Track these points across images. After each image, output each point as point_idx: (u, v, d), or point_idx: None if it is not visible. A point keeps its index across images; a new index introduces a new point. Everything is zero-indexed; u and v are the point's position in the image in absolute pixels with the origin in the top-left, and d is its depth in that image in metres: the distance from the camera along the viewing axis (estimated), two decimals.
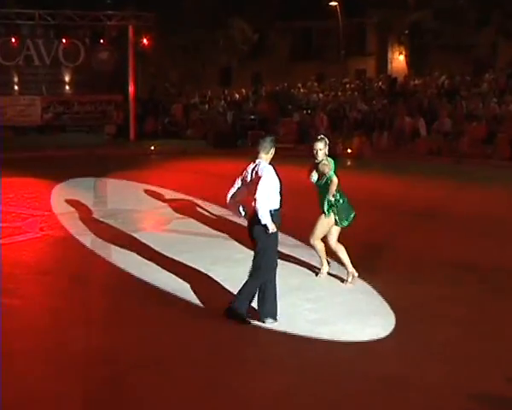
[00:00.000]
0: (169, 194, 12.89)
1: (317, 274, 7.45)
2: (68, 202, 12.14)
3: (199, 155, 20.41)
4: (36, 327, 5.90)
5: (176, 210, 11.26)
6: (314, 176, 7.11)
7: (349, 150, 20.62)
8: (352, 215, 7.17)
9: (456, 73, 25.03)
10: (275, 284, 5.94)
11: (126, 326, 6.02)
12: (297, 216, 8.75)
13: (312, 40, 44.92)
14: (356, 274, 7.15)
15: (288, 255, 7.96)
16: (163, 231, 9.87)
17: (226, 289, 6.78)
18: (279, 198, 5.95)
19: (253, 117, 25.14)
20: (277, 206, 5.92)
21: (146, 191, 13.15)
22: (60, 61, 24.06)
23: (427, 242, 9.15)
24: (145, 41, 25.13)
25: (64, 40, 23.70)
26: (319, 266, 7.47)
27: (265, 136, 6.42)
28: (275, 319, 5.90)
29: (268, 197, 5.77)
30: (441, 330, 5.83)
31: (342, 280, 7.22)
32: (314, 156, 7.11)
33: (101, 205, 11.92)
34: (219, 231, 9.60)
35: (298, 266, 7.77)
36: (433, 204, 11.94)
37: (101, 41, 24.21)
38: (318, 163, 7.08)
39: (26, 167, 15.42)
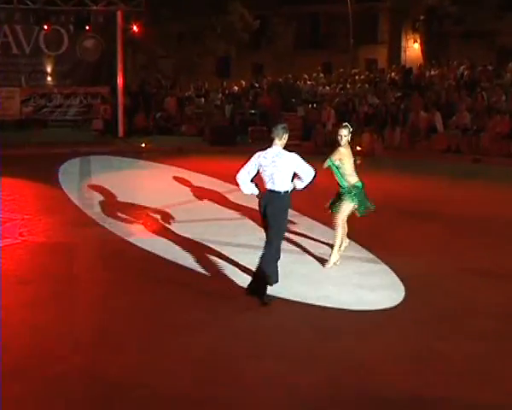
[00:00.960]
0: (162, 197, 12.90)
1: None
2: (50, 205, 12.16)
3: (194, 153, 20.42)
4: (14, 345, 5.88)
5: (166, 215, 11.28)
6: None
7: (358, 148, 20.49)
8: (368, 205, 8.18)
9: (477, 62, 25.04)
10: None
11: (115, 345, 6.02)
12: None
13: (319, 27, 44.99)
14: (337, 263, 8.12)
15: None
16: (152, 237, 9.89)
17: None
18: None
19: (253, 111, 25.17)
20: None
21: (134, 195, 13.16)
22: (41, 49, 24.04)
23: (444, 249, 9.15)
24: (135, 28, 25.15)
25: (45, 26, 23.66)
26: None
27: (278, 124, 7.45)
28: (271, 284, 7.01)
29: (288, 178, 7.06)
30: None
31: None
32: (338, 142, 8.20)
33: (87, 208, 11.93)
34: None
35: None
36: (450, 207, 11.96)
37: (87, 27, 24.17)
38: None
39: (3, 166, 15.44)
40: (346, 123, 8.40)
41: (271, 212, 7.01)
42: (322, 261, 8.31)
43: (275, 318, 6.58)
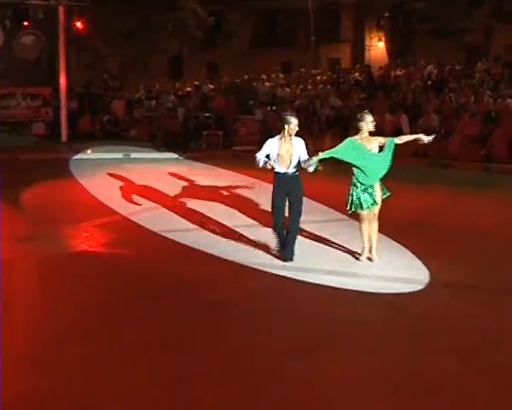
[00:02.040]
0: (105, 209, 12.79)
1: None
2: None
3: (144, 160, 20.29)
4: None
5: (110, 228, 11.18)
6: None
7: (320, 153, 20.72)
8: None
9: (445, 62, 25.44)
10: None
11: (69, 365, 5.91)
12: None
13: (278, 24, 45.21)
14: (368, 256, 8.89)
15: None
16: (94, 251, 9.78)
17: None
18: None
19: (208, 115, 25.17)
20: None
21: (80, 205, 13.01)
22: None
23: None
24: (79, 24, 24.97)
25: None
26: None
27: (286, 113, 9.15)
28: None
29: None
30: None
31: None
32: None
33: (26, 221, 11.75)
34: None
35: None
36: (416, 215, 12.06)
37: (25, 23, 23.86)
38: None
39: None
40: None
41: (299, 186, 8.87)
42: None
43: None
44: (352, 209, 8.94)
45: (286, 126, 8.78)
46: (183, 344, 6.33)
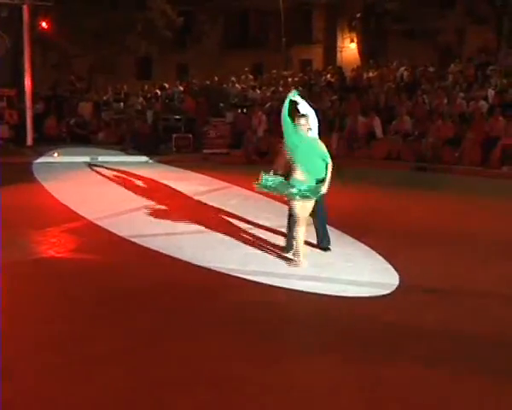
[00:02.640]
0: (73, 214, 12.65)
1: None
2: None
3: (112, 163, 20.11)
4: None
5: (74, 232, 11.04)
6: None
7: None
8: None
9: (418, 63, 25.62)
10: None
11: (30, 376, 5.79)
12: None
13: (249, 25, 45.30)
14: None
15: None
16: (65, 257, 9.65)
17: None
18: None
19: (178, 117, 25.05)
20: None
21: (46, 210, 12.86)
22: None
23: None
24: (44, 24, 24.69)
25: None
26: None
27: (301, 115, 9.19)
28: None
29: None
30: None
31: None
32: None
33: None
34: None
35: None
36: (387, 218, 12.09)
37: None
38: None
39: None
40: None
41: None
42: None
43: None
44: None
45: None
46: (149, 351, 6.25)
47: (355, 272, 8.74)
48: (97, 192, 14.61)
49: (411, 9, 32.58)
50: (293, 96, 9.51)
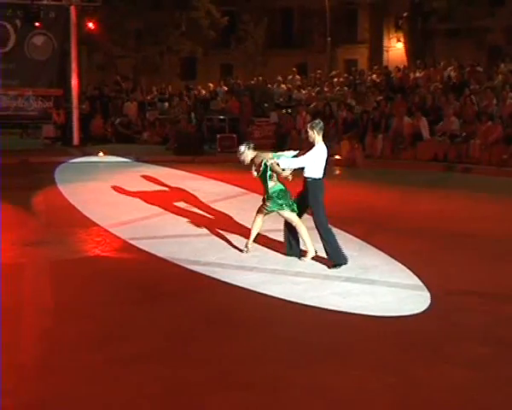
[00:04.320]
0: (118, 213, 12.80)
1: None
2: None
3: (157, 163, 20.30)
4: None
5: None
6: (254, 173, 9.37)
7: (337, 157, 20.69)
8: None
9: (466, 63, 25.32)
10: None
11: (62, 379, 5.91)
12: None
13: (293, 24, 45.27)
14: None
15: None
16: (106, 256, 9.78)
17: None
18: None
19: (222, 117, 25.18)
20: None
21: (90, 209, 13.03)
22: None
23: (428, 267, 9.15)
24: (91, 25, 25.01)
25: None
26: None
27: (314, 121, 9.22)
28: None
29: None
30: None
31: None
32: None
33: (36, 225, 11.79)
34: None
35: None
36: (437, 221, 12.00)
37: (36, 24, 23.94)
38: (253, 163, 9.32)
39: None
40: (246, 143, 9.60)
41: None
42: None
43: None
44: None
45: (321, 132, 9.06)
46: (184, 352, 6.35)
47: (395, 274, 8.74)
48: (143, 192, 14.74)
49: (459, 8, 32.19)
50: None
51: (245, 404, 5.39)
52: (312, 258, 9.17)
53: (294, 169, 9.15)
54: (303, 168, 9.03)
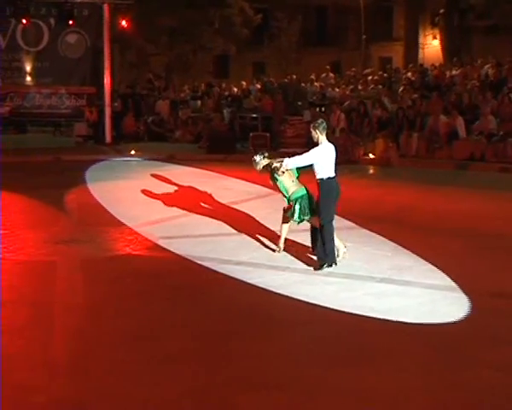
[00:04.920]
0: (151, 212, 12.87)
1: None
2: (29, 219, 12.13)
3: (189, 162, 20.37)
4: None
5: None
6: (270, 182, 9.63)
7: (371, 156, 20.59)
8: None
9: (504, 60, 25.03)
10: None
11: (96, 375, 5.97)
12: None
13: (327, 22, 45.13)
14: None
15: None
16: (140, 255, 9.84)
17: None
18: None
19: (255, 115, 25.18)
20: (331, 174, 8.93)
21: (122, 209, 13.12)
22: (18, 44, 24.08)
23: (461, 269, 9.06)
24: (124, 23, 25.14)
25: (24, 20, 23.68)
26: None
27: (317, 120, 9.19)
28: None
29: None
30: None
31: None
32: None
33: (70, 223, 11.91)
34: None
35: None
36: (473, 221, 11.88)
37: (70, 22, 24.16)
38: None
39: None
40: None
41: (339, 193, 8.98)
42: None
43: None
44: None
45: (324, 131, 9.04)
46: (218, 351, 6.36)
47: (430, 276, 8.68)
48: (177, 191, 14.81)
49: (496, 4, 31.82)
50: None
51: (277, 404, 5.39)
52: (344, 258, 9.13)
53: (300, 168, 9.27)
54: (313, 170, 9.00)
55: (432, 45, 39.83)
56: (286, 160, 9.10)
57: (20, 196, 14.18)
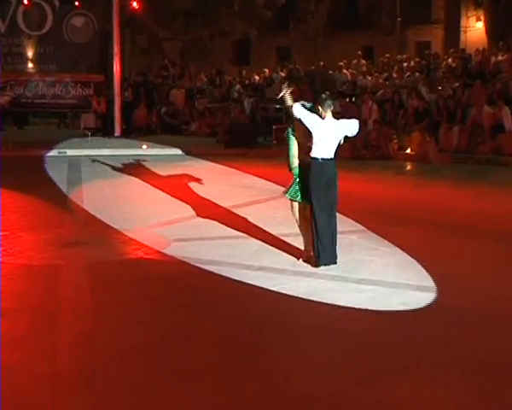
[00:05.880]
0: (164, 211, 12.90)
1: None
2: (32, 219, 12.20)
3: (205, 157, 20.42)
4: None
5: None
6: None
7: (407, 151, 20.53)
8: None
9: None
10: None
11: (104, 390, 5.99)
12: None
13: (359, 3, 45.00)
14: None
15: None
16: (152, 258, 9.88)
17: None
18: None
19: (278, 106, 25.17)
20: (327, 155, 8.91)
21: (133, 208, 13.17)
22: (19, 27, 24.21)
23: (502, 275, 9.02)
24: (135, 4, 25.25)
25: (25, 1, 23.80)
26: None
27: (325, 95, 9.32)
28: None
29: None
30: None
31: None
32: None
33: (76, 224, 11.96)
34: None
35: None
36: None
37: (76, 3, 24.28)
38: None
39: None
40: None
41: (335, 179, 8.92)
42: None
43: None
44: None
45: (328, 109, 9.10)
46: (240, 365, 6.35)
47: (474, 282, 8.62)
48: (190, 188, 14.84)
49: None
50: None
51: None
52: (381, 264, 9.10)
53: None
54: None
55: (475, 28, 39.56)
56: (296, 105, 9.27)
57: (20, 195, 14.27)
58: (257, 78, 30.55)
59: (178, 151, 21.59)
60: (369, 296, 8.11)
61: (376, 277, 8.77)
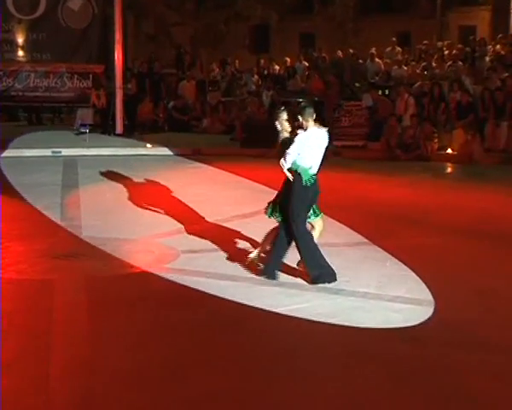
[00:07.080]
0: (170, 220, 12.93)
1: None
2: (22, 227, 12.23)
3: (219, 157, 20.44)
4: None
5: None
6: None
7: (449, 150, 20.45)
8: None
9: None
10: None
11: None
12: None
13: None
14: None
15: None
16: (153, 272, 9.89)
17: None
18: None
19: (301, 100, 25.14)
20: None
21: (132, 215, 13.20)
22: (8, 11, 24.32)
23: None
24: None
25: None
26: None
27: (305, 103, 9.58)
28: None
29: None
30: None
31: None
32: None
33: (72, 233, 11.98)
34: None
35: None
36: None
37: None
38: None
39: None
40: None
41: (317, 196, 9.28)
42: None
43: None
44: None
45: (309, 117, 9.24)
46: (252, 398, 6.34)
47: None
48: (202, 193, 14.87)
49: None
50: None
51: None
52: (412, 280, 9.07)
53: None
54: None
55: None
56: (281, 160, 9.30)
57: (9, 200, 14.31)
58: (277, 68, 30.49)
59: (188, 151, 21.59)
60: (405, 317, 8.10)
61: (413, 294, 8.76)
